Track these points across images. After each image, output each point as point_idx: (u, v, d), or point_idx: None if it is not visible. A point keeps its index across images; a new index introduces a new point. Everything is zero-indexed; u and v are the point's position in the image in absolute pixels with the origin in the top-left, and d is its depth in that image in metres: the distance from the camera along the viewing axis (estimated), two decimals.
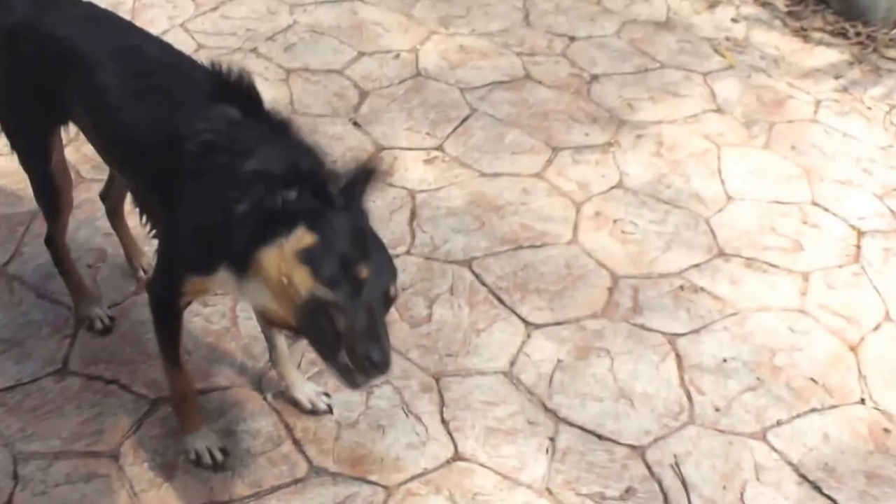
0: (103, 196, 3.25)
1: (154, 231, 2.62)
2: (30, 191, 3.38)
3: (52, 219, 2.95)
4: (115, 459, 2.74)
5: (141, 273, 3.26)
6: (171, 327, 2.57)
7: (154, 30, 3.44)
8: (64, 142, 2.85)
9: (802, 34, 5.53)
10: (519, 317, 3.39)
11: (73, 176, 3.46)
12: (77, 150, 3.81)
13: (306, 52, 4.71)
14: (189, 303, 2.54)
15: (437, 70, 4.73)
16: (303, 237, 2.08)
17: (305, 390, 2.91)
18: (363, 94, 4.44)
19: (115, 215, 3.23)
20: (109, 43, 2.57)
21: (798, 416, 3.19)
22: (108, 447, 2.77)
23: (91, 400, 2.89)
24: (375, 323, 2.04)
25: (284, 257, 2.08)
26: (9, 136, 2.87)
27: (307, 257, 2.06)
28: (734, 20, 5.58)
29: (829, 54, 5.33)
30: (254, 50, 4.64)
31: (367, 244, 2.14)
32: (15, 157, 3.40)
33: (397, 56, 4.80)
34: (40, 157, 2.78)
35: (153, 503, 2.65)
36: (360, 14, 5.13)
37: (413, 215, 3.73)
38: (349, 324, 2.00)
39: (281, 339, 2.86)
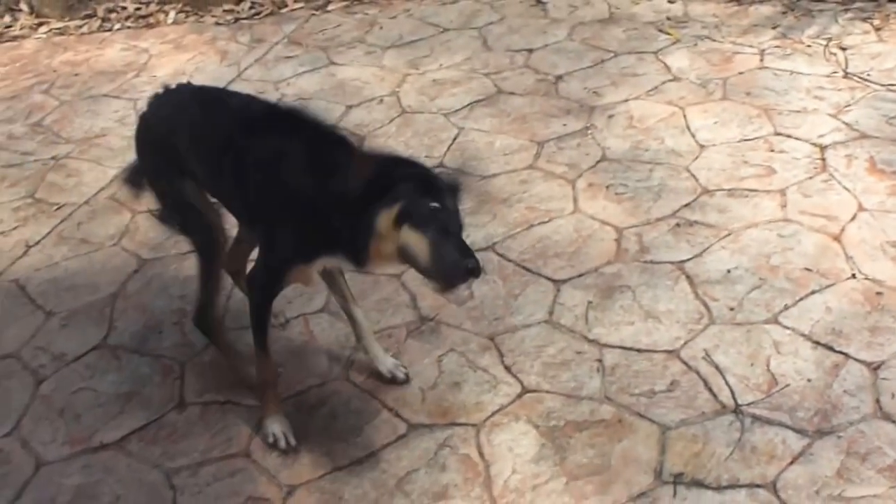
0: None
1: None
2: (105, 278, 4.19)
3: (210, 284, 3.60)
4: (248, 456, 3.42)
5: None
6: (265, 316, 3.32)
7: None
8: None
9: None
10: (546, 277, 4.12)
11: (134, 260, 4.25)
12: (132, 239, 4.56)
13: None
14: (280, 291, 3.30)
15: (418, 104, 5.53)
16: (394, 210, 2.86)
17: (386, 363, 3.64)
18: (360, 139, 5.22)
19: (240, 277, 3.91)
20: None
21: (801, 299, 3.89)
22: (239, 448, 3.46)
23: (213, 419, 3.57)
24: (462, 244, 2.83)
25: (391, 233, 2.86)
26: (175, 215, 3.58)
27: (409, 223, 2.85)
28: (670, 1, 6.41)
29: (764, 10, 6.16)
30: None
31: (435, 194, 2.89)
32: (82, 258, 4.33)
33: (381, 101, 5.60)
34: (202, 226, 3.50)
35: (289, 479, 3.33)
36: (338, 75, 5.94)
37: None
38: (444, 253, 2.79)
39: (363, 319, 3.60)
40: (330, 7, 6.87)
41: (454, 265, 2.77)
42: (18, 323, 4.12)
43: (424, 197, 2.84)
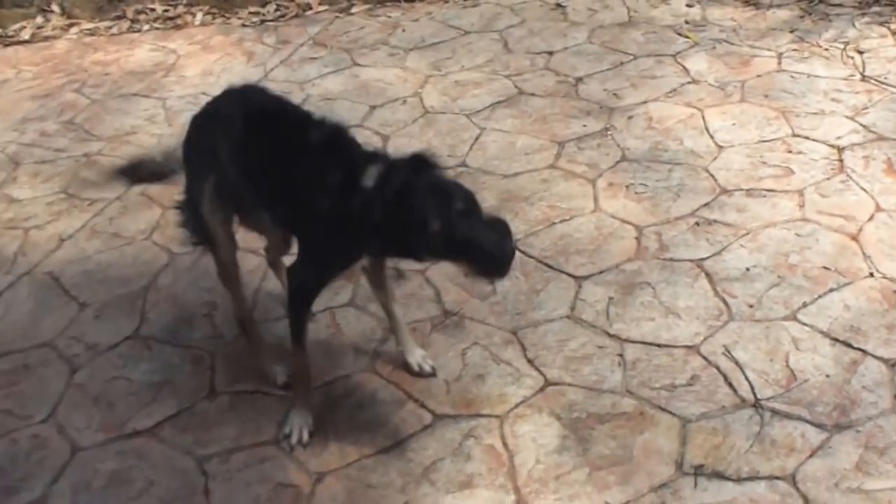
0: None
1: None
2: (136, 271, 4.26)
3: (229, 286, 3.72)
4: (277, 444, 3.46)
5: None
6: (305, 312, 3.37)
7: None
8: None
9: (753, 3, 6.39)
10: (567, 274, 4.15)
11: (164, 254, 4.30)
12: (163, 234, 4.61)
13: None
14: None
15: (441, 105, 5.56)
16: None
17: (416, 354, 3.68)
18: (385, 138, 5.25)
19: (277, 268, 3.98)
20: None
21: (819, 296, 3.91)
22: (269, 436, 3.49)
23: (243, 407, 3.61)
24: (481, 239, 2.90)
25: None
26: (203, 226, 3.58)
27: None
28: (689, 5, 6.44)
29: (781, 14, 6.18)
30: None
31: (453, 200, 2.94)
32: (114, 252, 4.46)
33: (404, 102, 5.63)
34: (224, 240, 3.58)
35: (318, 467, 3.36)
36: (362, 76, 5.98)
37: None
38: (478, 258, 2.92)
39: (400, 316, 3.67)
40: (353, 10, 6.91)
41: (494, 271, 3.02)
42: (53, 314, 4.17)
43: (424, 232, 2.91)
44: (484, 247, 2.84)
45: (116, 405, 3.69)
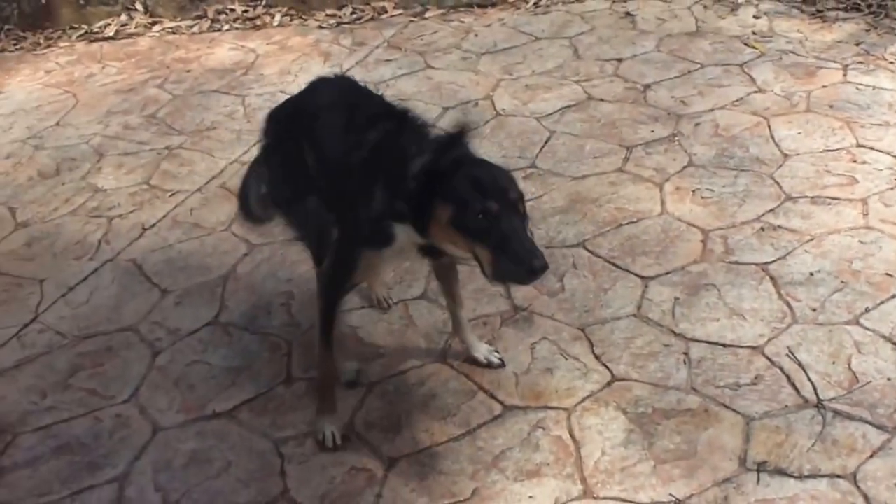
0: None
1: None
2: (216, 260, 4.36)
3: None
4: (351, 429, 3.53)
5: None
6: (333, 313, 3.37)
7: None
8: None
9: (820, 16, 6.35)
10: (634, 274, 4.18)
11: (243, 244, 4.39)
12: (242, 225, 4.70)
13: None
14: (352, 288, 3.41)
15: (512, 108, 5.61)
16: (444, 211, 2.85)
17: (481, 349, 3.73)
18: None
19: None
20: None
21: (882, 302, 3.90)
22: (343, 422, 3.57)
23: None
24: (522, 240, 2.73)
25: (443, 229, 2.88)
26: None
27: (456, 224, 2.83)
28: (756, 17, 6.43)
29: (847, 27, 6.15)
30: None
31: (487, 184, 2.84)
32: (194, 241, 4.58)
33: (476, 104, 5.69)
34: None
35: (391, 452, 3.42)
36: (435, 78, 6.05)
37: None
38: (507, 254, 2.76)
39: (465, 320, 3.72)
40: (427, 15, 6.99)
41: (514, 274, 2.81)
42: (136, 299, 4.28)
43: (477, 201, 2.75)
44: (522, 247, 2.71)
45: (196, 388, 3.79)
